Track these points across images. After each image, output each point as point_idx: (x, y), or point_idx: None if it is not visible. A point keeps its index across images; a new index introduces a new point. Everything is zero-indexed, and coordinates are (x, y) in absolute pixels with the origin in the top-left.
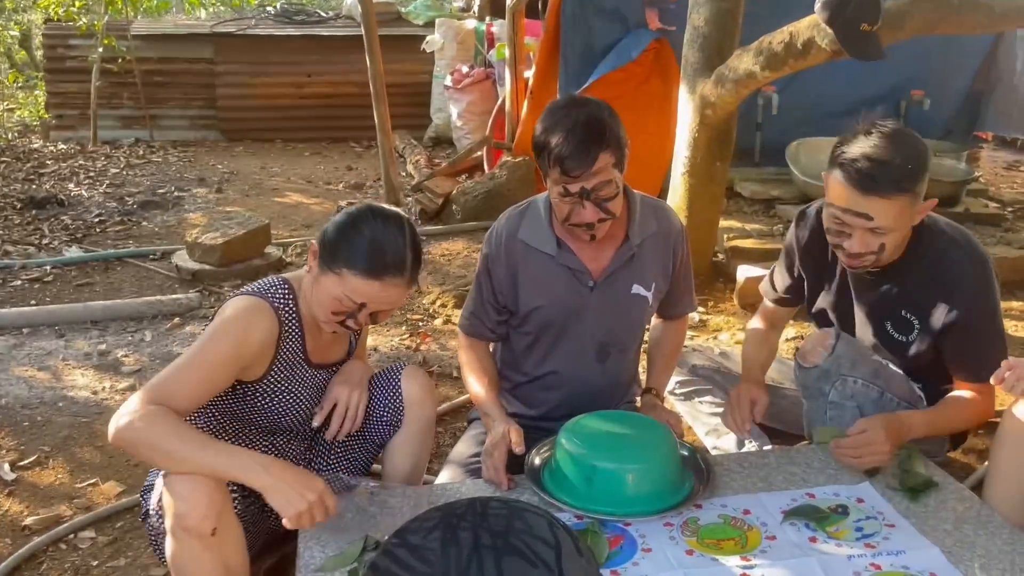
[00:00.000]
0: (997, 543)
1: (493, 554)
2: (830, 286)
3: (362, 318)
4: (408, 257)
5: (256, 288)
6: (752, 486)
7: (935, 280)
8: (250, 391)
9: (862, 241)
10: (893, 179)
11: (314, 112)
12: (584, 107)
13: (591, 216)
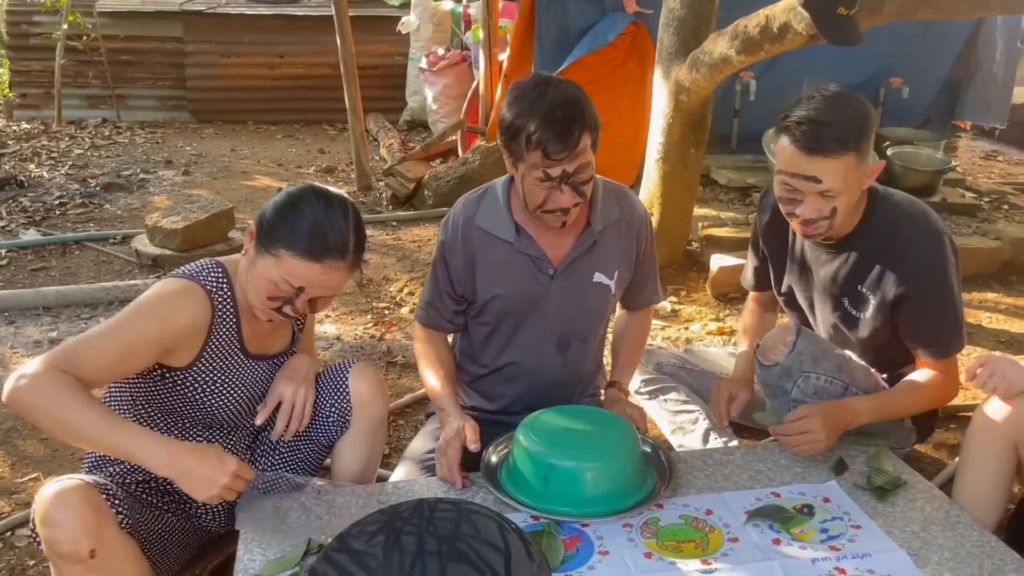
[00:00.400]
0: (966, 545)
1: (438, 560)
2: (792, 265)
3: (300, 305)
4: (351, 240)
5: (188, 270)
6: (716, 485)
7: (887, 252)
8: (179, 379)
9: (813, 206)
10: (837, 138)
11: (287, 94)
12: (558, 87)
13: (568, 201)
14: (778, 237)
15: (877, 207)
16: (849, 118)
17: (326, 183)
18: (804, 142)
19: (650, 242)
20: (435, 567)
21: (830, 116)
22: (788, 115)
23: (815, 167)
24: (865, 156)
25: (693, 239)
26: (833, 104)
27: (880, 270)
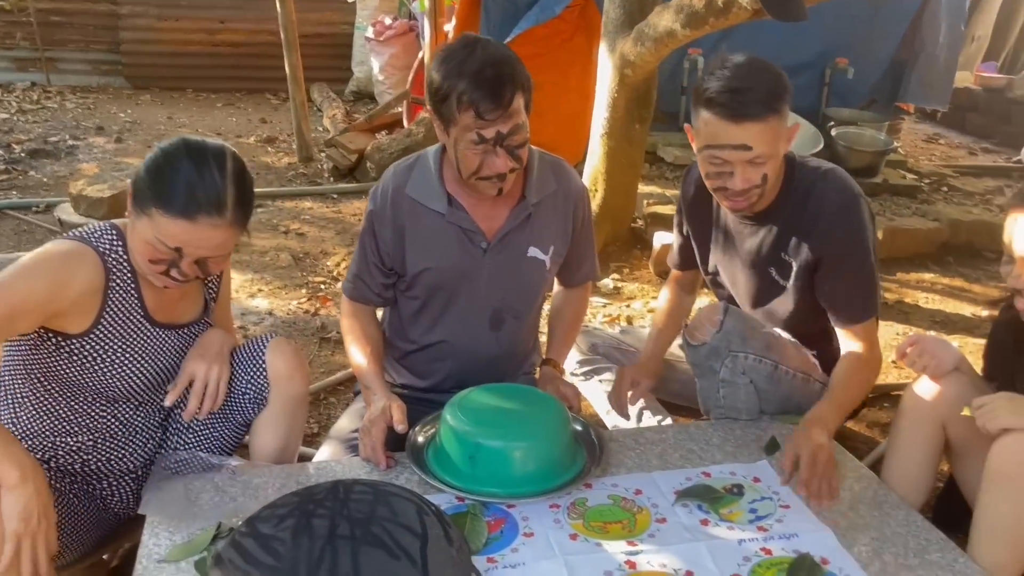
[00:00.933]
0: (892, 524)
1: (350, 545)
2: (716, 242)
3: (186, 267)
4: (228, 195)
5: (79, 233)
6: (647, 464)
7: (805, 215)
8: (76, 348)
9: (744, 176)
10: (760, 101)
11: (227, 60)
12: (487, 46)
13: (504, 166)
14: (702, 215)
15: (795, 174)
16: (767, 81)
17: (267, 153)
18: (730, 110)
19: (587, 217)
20: (347, 552)
21: (749, 82)
22: (706, 88)
23: (743, 134)
24: (785, 118)
25: (638, 216)
26: (748, 70)
27: (800, 234)
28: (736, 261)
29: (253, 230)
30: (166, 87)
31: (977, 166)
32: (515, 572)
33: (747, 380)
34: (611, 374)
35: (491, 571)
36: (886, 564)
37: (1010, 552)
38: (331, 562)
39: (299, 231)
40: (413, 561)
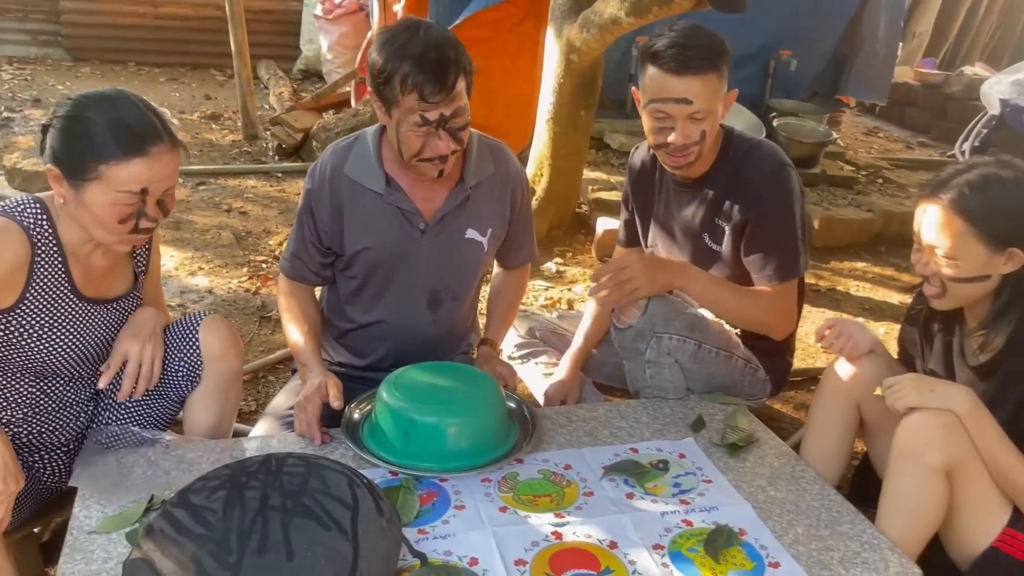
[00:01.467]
0: (807, 498)
1: (281, 516)
2: (656, 214)
3: (151, 210)
4: (155, 121)
5: (2, 207)
6: (577, 440)
7: (737, 181)
8: (2, 324)
9: (683, 131)
10: (703, 56)
11: (172, 35)
12: (429, 30)
13: (446, 148)
14: (645, 188)
15: (731, 143)
16: (709, 41)
17: (211, 130)
18: (674, 63)
19: (525, 200)
20: (277, 523)
21: (693, 39)
22: (653, 46)
23: (685, 87)
24: (724, 79)
25: (583, 202)
26: (692, 30)
27: (732, 197)
28: (674, 231)
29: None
30: (107, 60)
31: (912, 160)
32: (445, 543)
33: (672, 360)
34: (547, 357)
35: (421, 542)
36: (799, 535)
37: (913, 524)
38: (262, 532)
39: (242, 209)
40: (343, 531)
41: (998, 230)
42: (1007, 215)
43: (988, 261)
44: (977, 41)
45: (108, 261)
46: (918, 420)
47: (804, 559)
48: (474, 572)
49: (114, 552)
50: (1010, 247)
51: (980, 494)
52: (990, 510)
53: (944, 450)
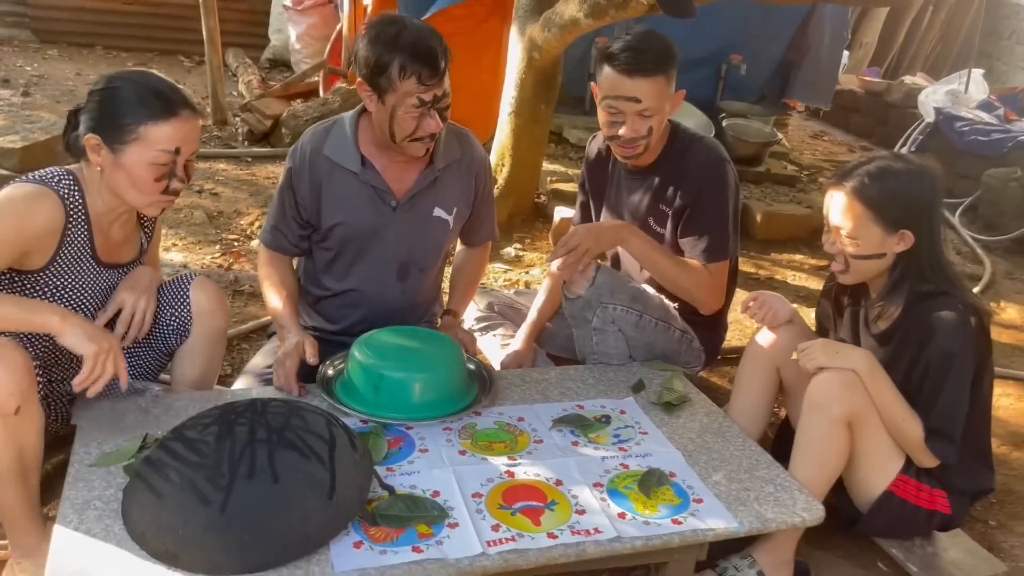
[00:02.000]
0: (730, 448)
1: (267, 447)
2: (608, 198)
3: (180, 170)
4: (180, 89)
5: (39, 176)
6: (530, 398)
7: (679, 171)
8: (30, 283)
9: (632, 126)
10: (653, 61)
11: (141, 20)
12: (412, 23)
13: (436, 126)
14: (599, 177)
15: (676, 137)
16: (659, 47)
17: None
18: (626, 65)
19: (488, 183)
20: (264, 452)
21: (645, 44)
22: (610, 47)
23: (636, 87)
24: (672, 81)
25: (542, 192)
26: (645, 36)
27: (674, 188)
28: (624, 214)
29: None
30: (75, 43)
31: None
32: (410, 479)
33: (616, 328)
34: (504, 329)
35: (389, 478)
36: (721, 478)
37: (818, 469)
38: (251, 460)
39: (213, 191)
40: (322, 461)
41: (891, 214)
42: (898, 201)
43: (883, 241)
44: (920, 52)
45: (123, 231)
46: (825, 378)
47: (724, 497)
48: (437, 503)
49: (113, 481)
50: (901, 229)
51: (877, 445)
52: (886, 459)
53: (846, 404)
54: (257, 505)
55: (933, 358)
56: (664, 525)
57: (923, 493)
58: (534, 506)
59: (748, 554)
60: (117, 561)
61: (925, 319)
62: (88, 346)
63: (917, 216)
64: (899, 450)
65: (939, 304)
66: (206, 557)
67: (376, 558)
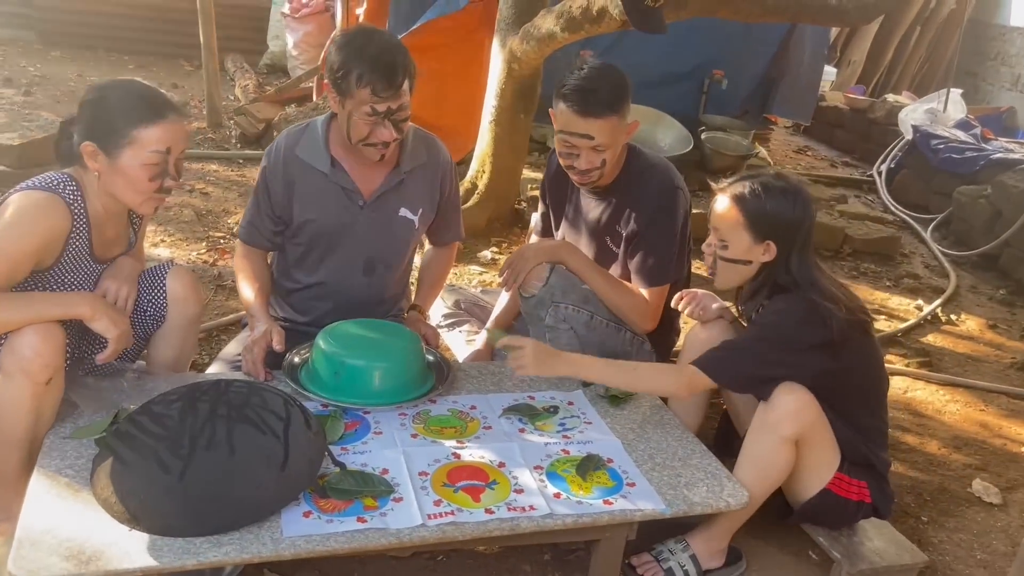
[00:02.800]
0: (668, 439)
1: (226, 422)
2: (567, 215)
3: (172, 169)
4: (164, 94)
5: (44, 183)
6: (484, 388)
7: (632, 195)
8: (36, 280)
9: (587, 159)
10: (603, 102)
11: (143, 24)
12: (382, 35)
13: (389, 136)
14: (559, 190)
15: (632, 161)
16: (612, 86)
17: None
18: (577, 106)
19: (454, 186)
20: (223, 426)
21: (595, 83)
22: (564, 84)
23: (588, 126)
24: (624, 116)
25: (522, 199)
26: (596, 74)
27: (629, 211)
28: (582, 230)
29: None
30: (78, 45)
31: (832, 176)
32: (362, 457)
33: (568, 327)
34: (470, 326)
35: (343, 456)
36: (656, 464)
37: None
38: (210, 433)
39: (204, 190)
40: (276, 436)
41: (760, 225)
42: (768, 214)
43: (750, 248)
44: (907, 71)
45: (116, 230)
46: (779, 397)
47: (656, 482)
48: (384, 479)
49: (84, 453)
50: (767, 240)
51: (820, 455)
52: (826, 464)
53: (797, 425)
54: (213, 474)
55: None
56: (596, 505)
57: (853, 487)
58: (476, 485)
59: (682, 539)
60: (83, 522)
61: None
62: (113, 329)
63: (784, 231)
64: (836, 451)
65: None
66: (165, 520)
67: (323, 526)
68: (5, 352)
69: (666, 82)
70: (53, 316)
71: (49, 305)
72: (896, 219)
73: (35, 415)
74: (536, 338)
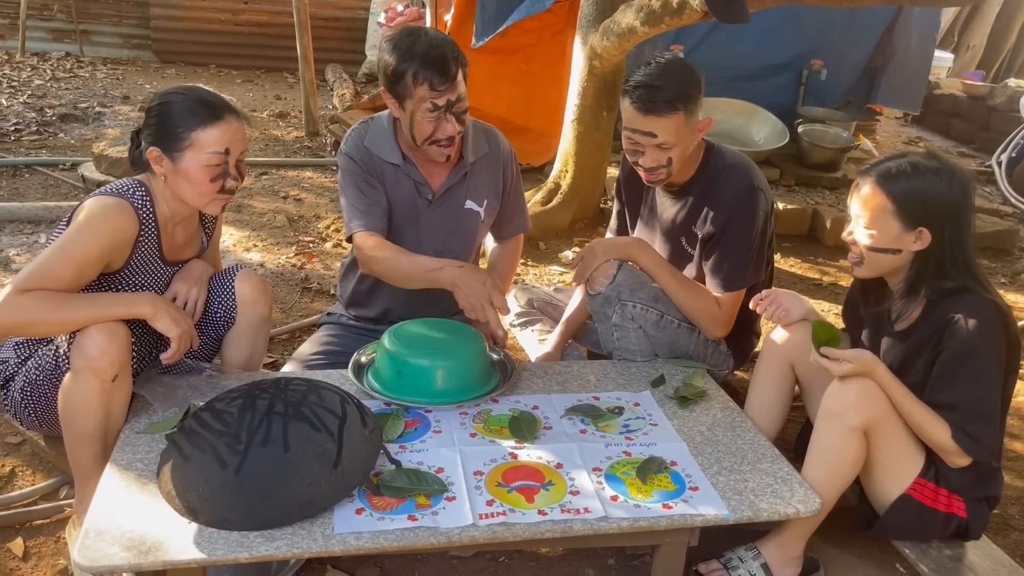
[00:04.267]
0: (739, 442)
1: (283, 419)
2: (643, 213)
3: (233, 170)
4: (225, 98)
5: (115, 189)
6: (548, 388)
7: (711, 196)
8: (108, 282)
9: (652, 156)
10: (666, 100)
11: (249, 40)
12: (428, 33)
13: (453, 129)
14: (634, 188)
15: (710, 159)
16: (677, 82)
17: (277, 127)
18: (640, 104)
19: (516, 175)
20: (279, 424)
21: (661, 81)
22: (628, 79)
23: (650, 124)
24: (693, 114)
25: (606, 198)
26: (664, 70)
27: (706, 211)
28: (656, 230)
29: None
30: (190, 62)
31: None
32: (419, 455)
33: (636, 325)
34: (542, 325)
35: (401, 454)
36: (723, 467)
37: (830, 475)
38: (266, 430)
39: (297, 197)
40: (331, 434)
41: (911, 210)
42: (920, 198)
43: (899, 236)
44: None
45: (186, 233)
46: (842, 385)
47: (721, 486)
48: (439, 478)
49: (155, 448)
50: (920, 227)
51: (894, 450)
52: (904, 463)
53: (863, 413)
54: (267, 470)
55: (952, 354)
56: (654, 509)
57: (941, 497)
58: (530, 485)
59: (754, 546)
60: (147, 515)
61: (945, 315)
62: (175, 329)
63: (938, 216)
64: (919, 453)
65: (961, 301)
66: (221, 514)
67: (373, 523)
68: (74, 351)
69: (762, 74)
70: (116, 315)
71: (112, 305)
72: (1016, 211)
73: (104, 411)
74: (603, 339)
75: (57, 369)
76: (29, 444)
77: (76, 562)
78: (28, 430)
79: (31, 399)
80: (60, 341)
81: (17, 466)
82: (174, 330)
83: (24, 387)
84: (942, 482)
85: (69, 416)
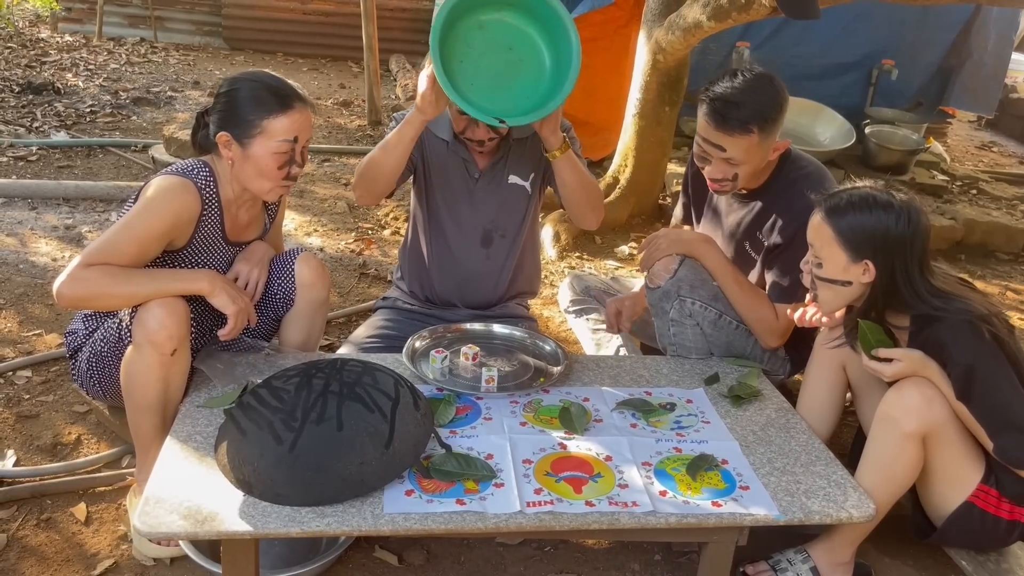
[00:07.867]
0: (792, 443)
1: (337, 399)
2: (707, 212)
3: (298, 156)
4: (293, 85)
5: (181, 169)
6: (600, 381)
7: (780, 205)
8: (172, 259)
9: (718, 168)
10: (741, 119)
11: (316, 28)
12: None
13: (483, 134)
14: (700, 186)
15: (784, 167)
16: (758, 103)
17: (341, 115)
18: (714, 117)
19: None
20: (334, 403)
21: (742, 98)
22: (710, 87)
23: (721, 139)
24: (769, 135)
25: (666, 194)
26: (748, 87)
27: (774, 219)
28: (719, 231)
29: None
30: (259, 50)
31: (1015, 174)
32: (469, 441)
33: (694, 323)
34: (598, 315)
35: (451, 439)
36: (775, 468)
37: (884, 481)
38: (321, 408)
39: None
40: (384, 415)
41: (856, 243)
42: (864, 232)
43: (847, 267)
44: None
45: (249, 215)
46: (902, 390)
47: (773, 487)
48: (488, 464)
49: (214, 421)
50: (865, 259)
51: (954, 457)
52: (965, 470)
53: (922, 420)
54: (321, 447)
55: (955, 378)
56: (703, 506)
57: (1004, 504)
58: (579, 476)
59: (803, 549)
60: (204, 486)
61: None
62: (231, 306)
63: (884, 250)
64: (980, 460)
65: (935, 331)
66: (274, 489)
67: (423, 505)
68: (136, 324)
69: (830, 73)
70: (175, 291)
71: (172, 280)
72: None
73: (164, 383)
74: (660, 333)
75: (120, 342)
76: (95, 413)
77: (136, 528)
78: (94, 400)
79: (96, 370)
80: (123, 315)
81: (83, 434)
82: (231, 307)
83: (90, 358)
84: (1004, 490)
85: (130, 387)
